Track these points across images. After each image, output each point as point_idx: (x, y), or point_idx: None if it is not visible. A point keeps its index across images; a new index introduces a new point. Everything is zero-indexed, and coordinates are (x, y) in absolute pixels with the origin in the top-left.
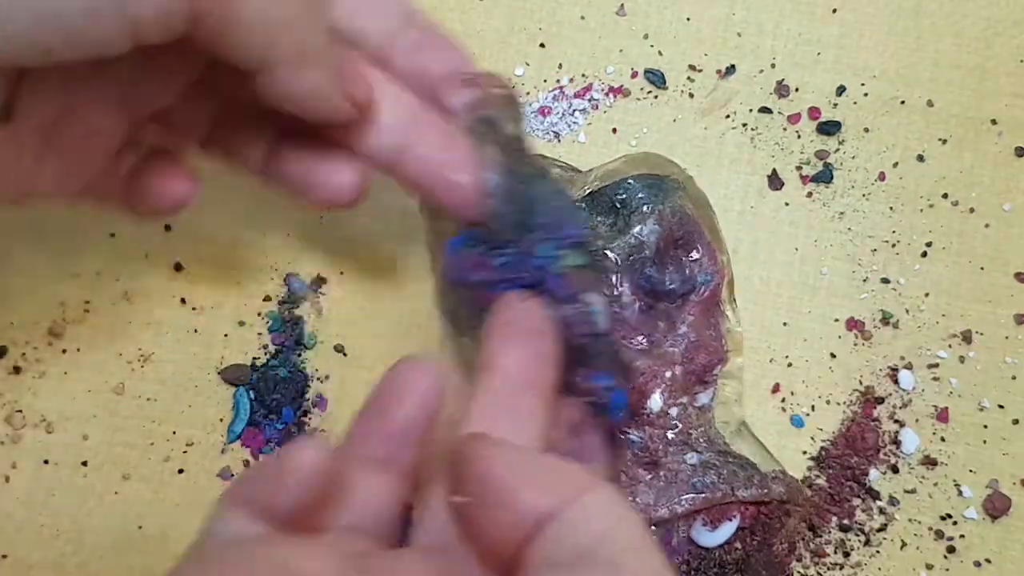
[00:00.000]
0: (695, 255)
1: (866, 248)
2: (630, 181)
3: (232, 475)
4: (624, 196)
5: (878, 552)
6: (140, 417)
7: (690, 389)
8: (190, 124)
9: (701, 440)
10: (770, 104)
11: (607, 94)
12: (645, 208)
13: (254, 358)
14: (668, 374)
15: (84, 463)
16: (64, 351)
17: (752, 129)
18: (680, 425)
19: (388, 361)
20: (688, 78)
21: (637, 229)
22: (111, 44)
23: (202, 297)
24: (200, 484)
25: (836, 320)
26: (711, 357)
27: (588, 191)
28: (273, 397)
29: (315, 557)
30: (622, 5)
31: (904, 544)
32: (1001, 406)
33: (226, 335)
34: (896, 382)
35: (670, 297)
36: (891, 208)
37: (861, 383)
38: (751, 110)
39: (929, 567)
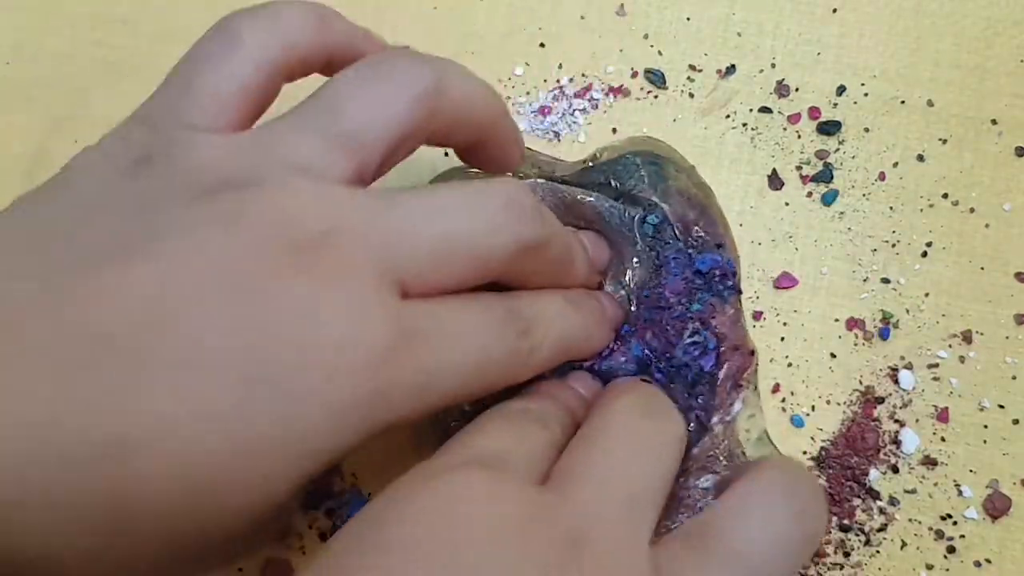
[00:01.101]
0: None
1: (866, 248)
2: (628, 156)
3: None
4: (620, 170)
5: (878, 552)
6: None
7: (725, 400)
8: None
9: (721, 458)
10: (770, 104)
11: (607, 94)
12: (644, 184)
13: None
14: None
15: None
16: None
17: (752, 129)
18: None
19: None
20: (688, 78)
21: (639, 212)
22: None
23: None
24: None
25: (836, 320)
26: (745, 358)
27: (580, 168)
28: None
29: None
30: (622, 5)
31: (904, 544)
32: (1001, 406)
33: None
34: (896, 382)
35: (711, 286)
36: (891, 208)
37: (861, 383)
38: (751, 110)
39: (929, 567)
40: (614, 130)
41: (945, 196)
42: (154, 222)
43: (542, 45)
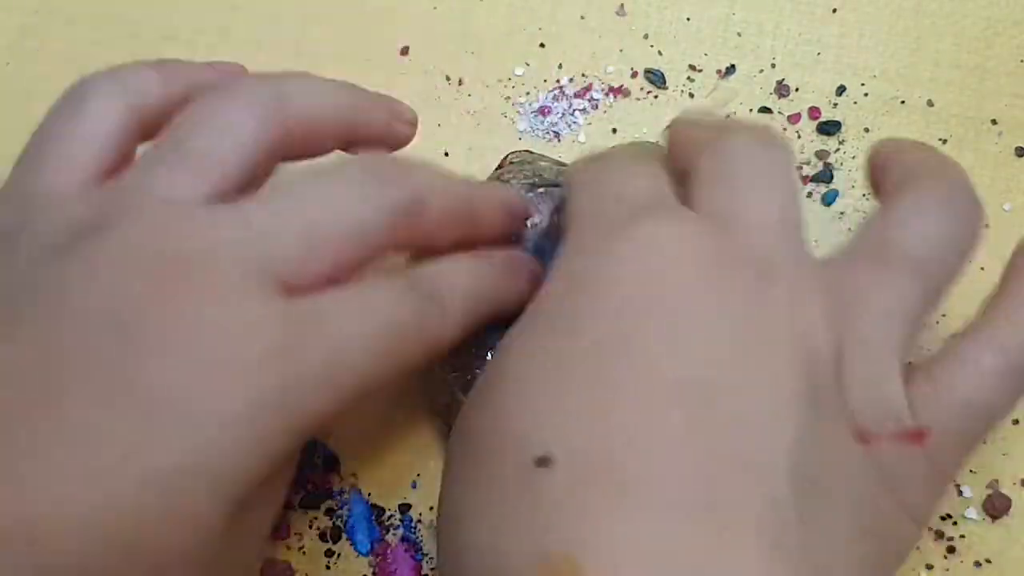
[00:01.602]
0: None
1: None
2: None
3: None
4: None
5: None
6: None
7: None
8: None
9: None
10: (770, 104)
11: (607, 94)
12: None
13: None
14: None
15: None
16: None
17: None
18: None
19: None
20: (688, 78)
21: None
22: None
23: None
24: None
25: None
26: None
27: None
28: None
29: None
30: (622, 5)
31: None
32: None
33: None
34: None
35: None
36: None
37: None
38: (751, 110)
39: (929, 567)
40: (614, 130)
41: None
42: (16, 296)
43: (542, 45)
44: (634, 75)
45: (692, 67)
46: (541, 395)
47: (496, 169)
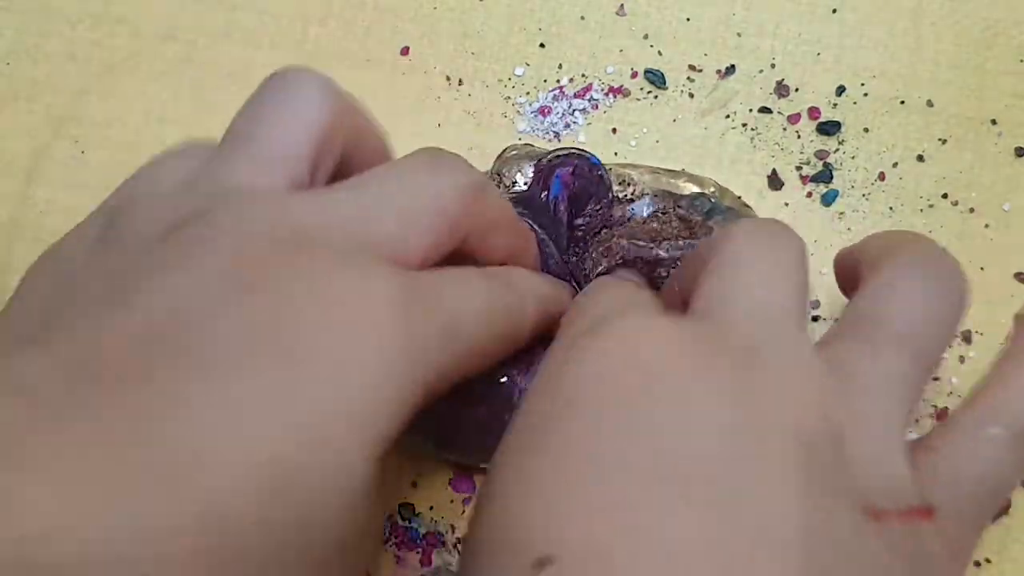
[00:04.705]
0: None
1: None
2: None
3: None
4: (694, 205)
5: None
6: None
7: None
8: None
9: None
10: (770, 104)
11: (607, 94)
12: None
13: None
14: None
15: None
16: None
17: (752, 129)
18: None
19: None
20: (688, 78)
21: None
22: None
23: None
24: None
25: (836, 321)
26: None
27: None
28: None
29: None
30: (622, 5)
31: None
32: None
33: None
34: None
35: None
36: (891, 208)
37: None
38: (751, 110)
39: None
40: (614, 130)
41: (945, 196)
42: (142, 266)
43: (542, 45)
44: (634, 75)
45: (692, 67)
46: (538, 496)
47: (495, 161)
